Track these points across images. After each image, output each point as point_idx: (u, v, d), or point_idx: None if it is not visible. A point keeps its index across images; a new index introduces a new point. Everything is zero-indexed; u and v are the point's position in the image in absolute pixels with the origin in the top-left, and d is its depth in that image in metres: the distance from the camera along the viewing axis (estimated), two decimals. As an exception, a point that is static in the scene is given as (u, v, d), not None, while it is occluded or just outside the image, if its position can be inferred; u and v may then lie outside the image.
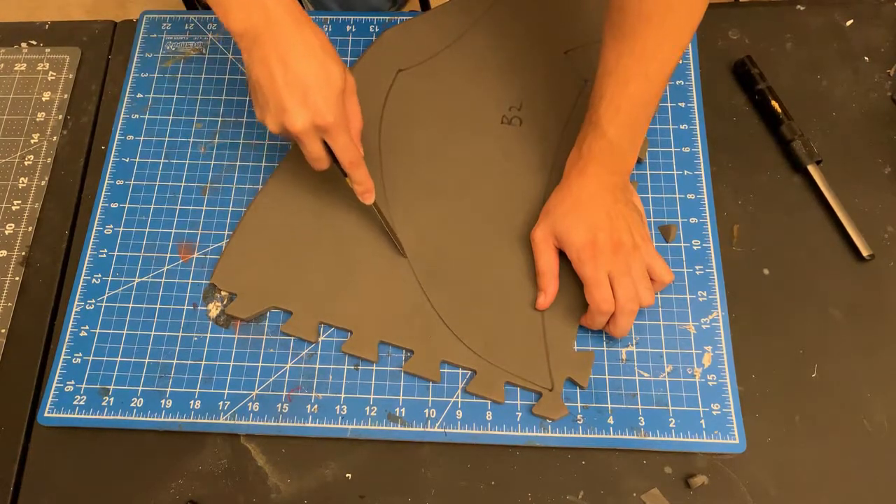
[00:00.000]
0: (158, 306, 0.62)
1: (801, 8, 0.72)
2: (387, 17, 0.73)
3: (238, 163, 0.67)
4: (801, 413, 0.58)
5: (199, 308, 0.62)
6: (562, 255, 0.59)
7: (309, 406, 0.58)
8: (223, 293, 0.62)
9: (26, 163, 0.69)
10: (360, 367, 0.59)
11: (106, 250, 0.64)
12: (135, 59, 0.72)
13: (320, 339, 0.60)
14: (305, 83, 0.51)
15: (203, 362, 0.60)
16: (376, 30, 0.73)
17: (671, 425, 0.56)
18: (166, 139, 0.69)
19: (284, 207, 0.64)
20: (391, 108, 0.68)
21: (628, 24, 0.54)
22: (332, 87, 0.52)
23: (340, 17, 0.74)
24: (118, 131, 0.69)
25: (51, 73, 0.73)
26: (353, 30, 0.73)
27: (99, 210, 0.66)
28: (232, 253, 0.63)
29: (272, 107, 0.52)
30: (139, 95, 0.71)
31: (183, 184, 0.67)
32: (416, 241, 0.62)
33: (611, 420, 0.57)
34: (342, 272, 0.62)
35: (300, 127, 0.52)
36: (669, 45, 0.55)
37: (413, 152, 0.66)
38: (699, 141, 0.66)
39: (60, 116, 0.71)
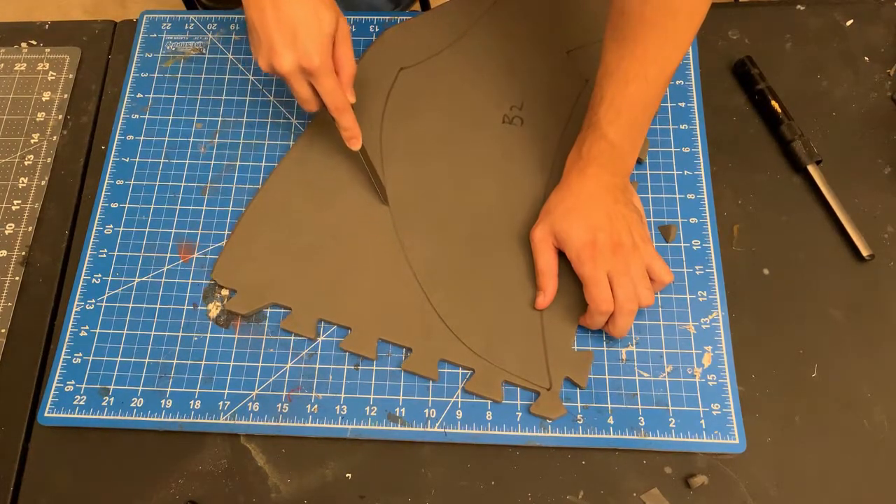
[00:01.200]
0: (158, 306, 0.62)
1: (801, 8, 0.72)
2: (387, 17, 0.73)
3: (238, 163, 0.67)
4: (801, 413, 0.58)
5: (199, 308, 0.62)
6: (561, 255, 0.59)
7: (309, 406, 0.58)
8: (223, 293, 0.62)
9: (26, 163, 0.69)
10: (360, 367, 0.59)
11: (106, 250, 0.64)
12: (135, 59, 0.72)
13: (320, 339, 0.60)
14: (294, 25, 0.53)
15: (203, 362, 0.60)
16: (376, 30, 0.73)
17: (671, 425, 0.56)
18: (166, 139, 0.69)
19: (285, 205, 0.64)
20: (393, 106, 0.68)
21: (629, 27, 0.55)
22: (321, 31, 0.54)
23: (340, 17, 0.74)
24: (118, 131, 0.69)
25: (51, 73, 0.73)
26: (354, 29, 0.73)
27: (99, 210, 0.66)
28: (232, 249, 0.63)
29: (263, 47, 0.55)
30: (139, 95, 0.71)
31: (183, 184, 0.67)
32: (417, 239, 0.62)
33: (611, 420, 0.57)
34: (342, 270, 0.62)
35: (287, 68, 0.54)
36: (670, 49, 0.55)
37: (414, 151, 0.66)
38: (699, 141, 0.66)
39: (60, 116, 0.71)
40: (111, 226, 0.65)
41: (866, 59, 0.70)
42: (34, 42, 0.75)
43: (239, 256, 0.62)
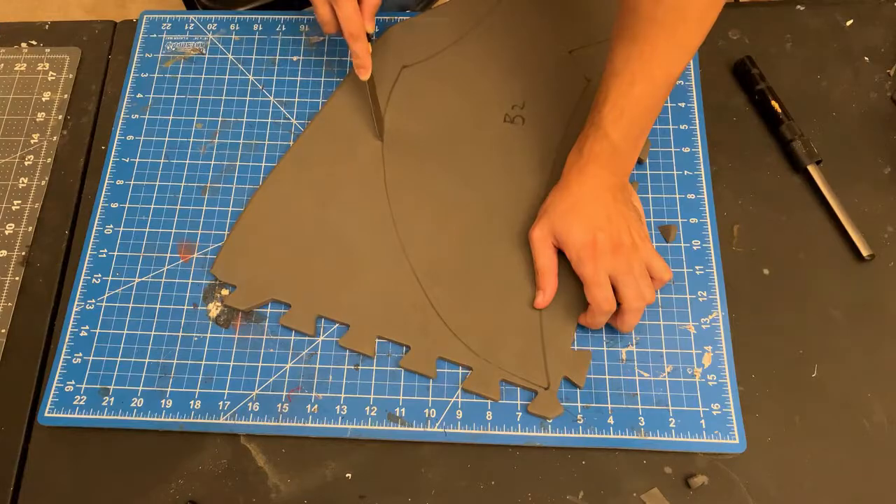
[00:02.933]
0: (158, 306, 0.62)
1: (801, 8, 0.72)
2: (387, 17, 0.73)
3: (238, 163, 0.67)
4: (801, 413, 0.58)
5: (199, 308, 0.62)
6: (560, 254, 0.59)
7: (309, 406, 0.58)
8: (223, 293, 0.62)
9: (26, 163, 0.69)
10: (360, 367, 0.59)
11: (106, 250, 0.64)
12: (135, 59, 0.72)
13: (320, 339, 0.60)
14: None
15: (203, 362, 0.60)
16: (377, 30, 0.73)
17: (671, 425, 0.56)
18: (166, 139, 0.69)
19: (285, 202, 0.64)
20: (395, 104, 0.68)
21: (639, 28, 0.54)
22: None
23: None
24: (118, 131, 0.69)
25: (51, 73, 0.73)
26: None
27: (99, 210, 0.66)
28: (232, 245, 0.63)
29: None
30: (139, 95, 0.71)
31: (183, 184, 0.67)
32: (416, 237, 0.62)
33: (611, 420, 0.57)
34: (342, 267, 0.62)
35: None
36: (678, 51, 0.55)
37: (415, 149, 0.66)
38: (699, 141, 0.66)
39: (60, 116, 0.71)
40: (111, 226, 0.65)
41: (866, 59, 0.70)
42: (34, 42, 0.75)
43: (238, 252, 0.63)
